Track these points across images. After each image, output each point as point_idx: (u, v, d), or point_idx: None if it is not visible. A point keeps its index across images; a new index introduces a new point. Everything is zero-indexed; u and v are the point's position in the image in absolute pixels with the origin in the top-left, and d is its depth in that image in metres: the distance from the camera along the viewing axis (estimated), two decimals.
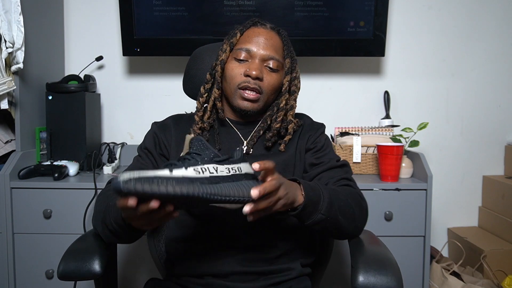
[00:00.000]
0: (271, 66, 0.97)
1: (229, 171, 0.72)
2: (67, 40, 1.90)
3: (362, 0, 1.68)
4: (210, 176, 0.68)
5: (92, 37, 1.90)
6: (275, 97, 1.03)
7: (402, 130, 1.67)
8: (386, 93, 1.89)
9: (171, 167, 0.66)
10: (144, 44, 1.73)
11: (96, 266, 0.84)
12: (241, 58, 0.97)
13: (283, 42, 1.02)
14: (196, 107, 1.04)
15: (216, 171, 0.70)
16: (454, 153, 1.95)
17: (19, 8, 1.40)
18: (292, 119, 1.02)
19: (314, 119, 1.13)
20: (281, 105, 1.01)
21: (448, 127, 1.94)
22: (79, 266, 0.84)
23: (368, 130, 1.74)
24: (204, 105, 1.03)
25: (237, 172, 0.73)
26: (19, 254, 1.47)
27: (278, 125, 1.00)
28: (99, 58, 1.86)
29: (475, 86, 1.94)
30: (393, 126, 1.78)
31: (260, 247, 0.93)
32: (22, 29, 1.42)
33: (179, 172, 0.65)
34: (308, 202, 0.82)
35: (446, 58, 1.92)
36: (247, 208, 0.71)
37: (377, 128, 1.75)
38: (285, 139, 1.01)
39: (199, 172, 0.68)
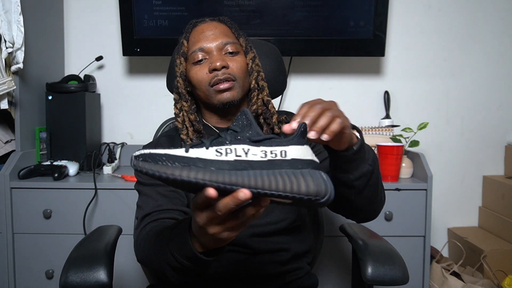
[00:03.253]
0: (230, 50, 0.94)
1: (265, 155, 0.55)
2: (67, 40, 1.90)
3: (362, 0, 1.68)
4: (236, 160, 0.53)
5: (92, 37, 1.90)
6: (249, 82, 0.98)
7: (402, 130, 1.67)
8: (386, 93, 1.89)
9: (189, 146, 0.55)
10: (144, 44, 1.73)
11: (103, 276, 0.80)
12: (200, 59, 0.94)
13: (229, 26, 0.99)
14: (177, 127, 0.97)
15: (246, 154, 0.54)
16: (454, 153, 1.95)
17: (19, 8, 1.40)
18: (269, 98, 0.97)
19: None
20: (252, 85, 0.96)
21: (448, 127, 1.94)
22: (84, 277, 0.79)
23: (368, 130, 1.74)
24: (184, 123, 0.97)
25: (278, 158, 0.55)
26: (19, 254, 1.47)
27: (254, 107, 0.95)
28: (99, 58, 1.86)
29: (475, 86, 1.94)
30: (393, 126, 1.78)
31: (272, 251, 0.93)
32: (22, 29, 1.42)
33: (195, 152, 0.53)
34: (362, 145, 0.74)
35: (446, 58, 1.92)
36: (311, 133, 0.61)
37: (377, 128, 1.75)
38: (273, 119, 0.96)
39: (221, 154, 0.54)
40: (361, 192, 0.78)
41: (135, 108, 1.92)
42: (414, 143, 1.60)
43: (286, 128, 0.59)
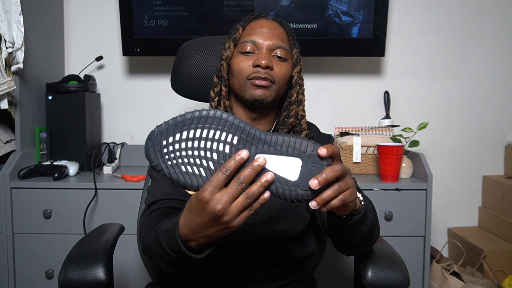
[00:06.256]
0: (279, 54, 0.93)
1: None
2: (67, 40, 1.90)
3: (362, 0, 1.68)
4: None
5: (92, 37, 1.90)
6: (286, 89, 0.98)
7: (402, 130, 1.67)
8: (386, 93, 1.89)
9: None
10: (144, 44, 1.73)
11: (101, 274, 0.79)
12: (247, 51, 0.93)
13: (287, 32, 0.98)
14: None
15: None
16: (454, 153, 1.95)
17: (19, 8, 1.40)
18: (304, 114, 0.98)
19: (314, 119, 1.12)
20: (293, 98, 0.97)
21: (448, 127, 1.94)
22: (82, 274, 0.79)
23: (368, 130, 1.74)
24: (219, 108, 0.97)
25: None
26: (19, 254, 1.47)
27: (291, 120, 0.96)
28: (99, 58, 1.86)
29: (475, 86, 1.94)
30: (393, 126, 1.78)
31: (273, 257, 0.93)
32: (22, 29, 1.42)
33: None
34: (367, 208, 0.75)
35: (446, 58, 1.92)
36: (313, 203, 0.63)
37: (377, 128, 1.75)
38: (302, 135, 0.96)
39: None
40: (351, 242, 0.82)
41: (135, 108, 1.92)
42: (414, 143, 1.60)
43: (321, 151, 0.62)
